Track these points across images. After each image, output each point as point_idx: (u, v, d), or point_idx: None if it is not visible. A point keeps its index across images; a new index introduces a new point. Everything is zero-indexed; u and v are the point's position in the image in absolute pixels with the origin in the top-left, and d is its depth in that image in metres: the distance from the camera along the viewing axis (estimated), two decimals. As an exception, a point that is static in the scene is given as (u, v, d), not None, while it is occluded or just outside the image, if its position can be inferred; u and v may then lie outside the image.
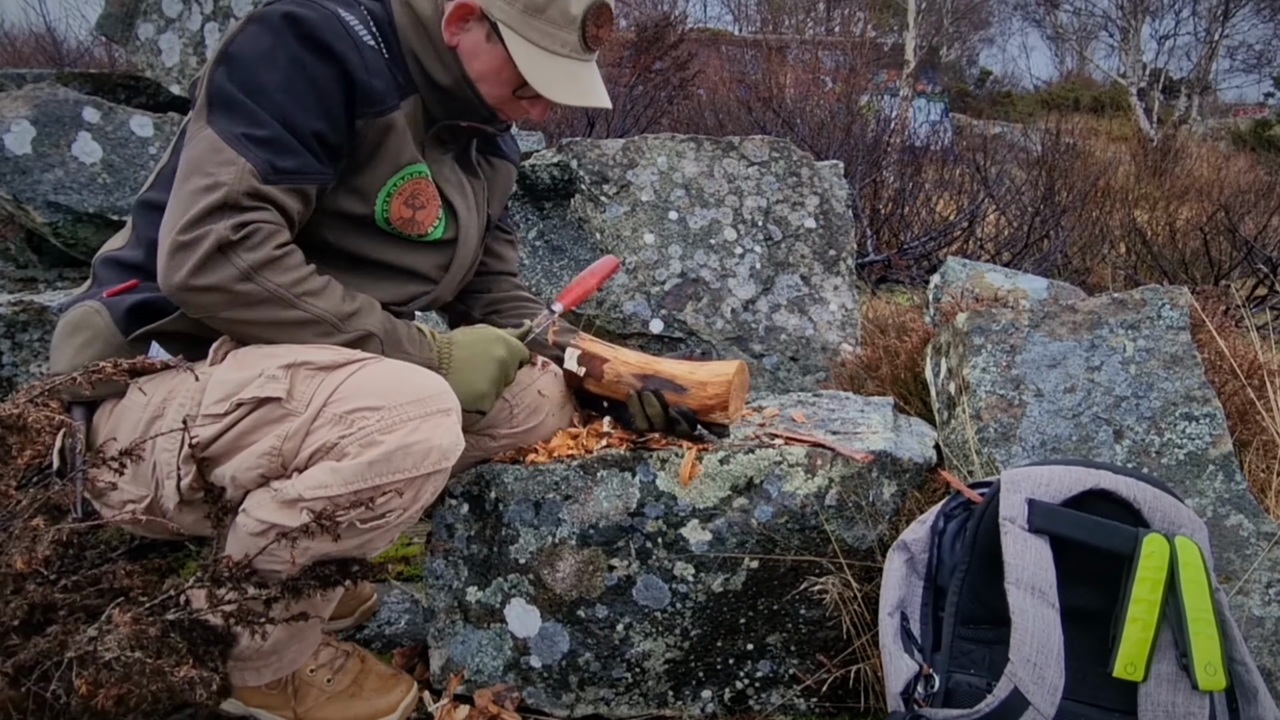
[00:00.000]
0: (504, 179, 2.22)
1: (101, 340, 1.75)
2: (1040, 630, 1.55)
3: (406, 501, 1.63)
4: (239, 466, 1.63)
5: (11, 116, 3.27)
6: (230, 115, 1.63)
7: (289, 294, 1.63)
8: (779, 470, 1.94)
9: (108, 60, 10.95)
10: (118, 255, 1.84)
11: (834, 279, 3.81)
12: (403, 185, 1.84)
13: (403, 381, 1.62)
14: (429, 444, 1.59)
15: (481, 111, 1.92)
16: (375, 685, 1.95)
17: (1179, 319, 2.20)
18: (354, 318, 1.70)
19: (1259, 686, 1.56)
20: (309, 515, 1.58)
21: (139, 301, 1.74)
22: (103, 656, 1.47)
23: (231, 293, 1.58)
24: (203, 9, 3.69)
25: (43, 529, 1.56)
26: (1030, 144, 14.08)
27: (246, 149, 1.61)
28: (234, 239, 1.56)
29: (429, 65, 1.86)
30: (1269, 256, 7.40)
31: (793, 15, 32.07)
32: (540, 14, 1.79)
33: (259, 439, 1.61)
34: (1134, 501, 1.66)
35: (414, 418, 1.59)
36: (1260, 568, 1.87)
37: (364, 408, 1.57)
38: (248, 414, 1.61)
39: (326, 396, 1.59)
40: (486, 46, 1.83)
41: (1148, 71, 26.78)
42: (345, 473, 1.56)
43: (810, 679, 2.00)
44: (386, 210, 1.83)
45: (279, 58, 1.66)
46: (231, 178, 1.58)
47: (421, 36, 1.85)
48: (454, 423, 1.65)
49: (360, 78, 1.72)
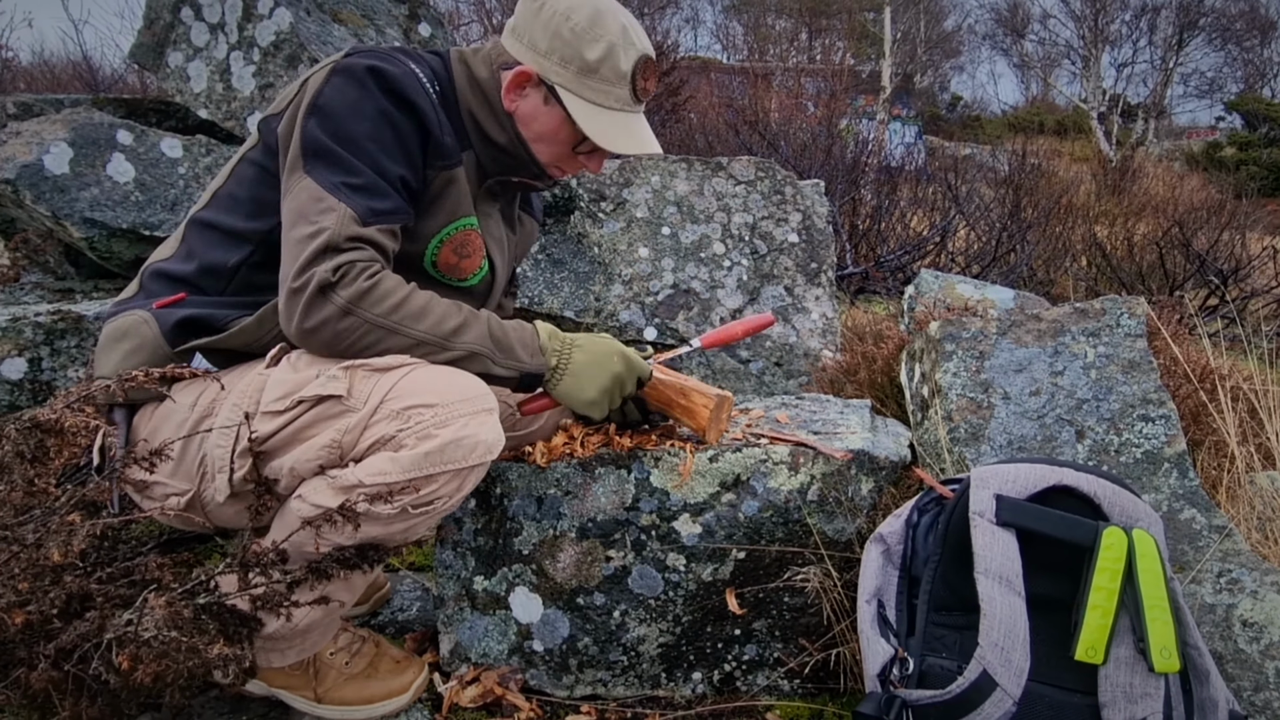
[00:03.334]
0: (528, 235, 2.24)
1: (148, 349, 1.76)
2: (1007, 617, 1.55)
3: (452, 490, 1.64)
4: (299, 458, 1.64)
5: (50, 138, 3.26)
6: (328, 165, 1.65)
7: (388, 322, 1.63)
8: (764, 468, 1.94)
9: (140, 86, 10.94)
10: (167, 267, 1.84)
11: (815, 290, 3.81)
12: (454, 235, 1.86)
13: (452, 382, 1.63)
14: (476, 439, 1.60)
15: (533, 168, 1.94)
16: (389, 668, 1.95)
17: (1136, 327, 2.21)
18: (456, 335, 1.69)
19: (1210, 669, 1.56)
20: (365, 500, 1.58)
21: (188, 316, 1.75)
22: (141, 636, 1.48)
23: (336, 330, 1.60)
24: (228, 39, 3.69)
25: (79, 524, 1.56)
26: (998, 164, 14.09)
27: (346, 196, 1.63)
28: (332, 280, 1.58)
29: (486, 124, 1.88)
30: (1220, 269, 7.43)
31: (777, 44, 32.13)
32: (594, 74, 1.80)
33: (319, 433, 1.62)
34: (1094, 497, 1.66)
35: (464, 414, 1.60)
36: (1211, 559, 1.87)
37: (419, 404, 1.58)
38: (307, 410, 1.62)
39: (384, 394, 1.60)
40: (545, 109, 1.85)
41: (1107, 97, 26.84)
42: (404, 461, 1.57)
43: (793, 662, 2.00)
44: (436, 255, 1.85)
45: (366, 109, 1.69)
46: (333, 223, 1.60)
47: (479, 97, 1.88)
48: (495, 421, 1.66)
49: (435, 132, 1.75)
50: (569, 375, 1.80)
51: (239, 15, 3.67)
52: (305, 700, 1.89)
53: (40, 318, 2.77)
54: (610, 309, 3.61)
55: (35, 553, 1.53)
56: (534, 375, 1.78)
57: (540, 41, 1.81)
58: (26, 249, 3.22)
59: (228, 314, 1.77)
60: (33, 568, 1.53)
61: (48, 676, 1.56)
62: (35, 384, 2.74)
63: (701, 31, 39.84)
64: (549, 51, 1.80)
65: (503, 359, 1.73)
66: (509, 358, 1.74)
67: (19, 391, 2.71)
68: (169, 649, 1.49)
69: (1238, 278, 7.57)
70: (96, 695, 1.70)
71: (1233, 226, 8.71)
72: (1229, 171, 19.10)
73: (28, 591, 1.52)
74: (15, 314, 2.81)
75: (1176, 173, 18.38)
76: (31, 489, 1.59)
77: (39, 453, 1.61)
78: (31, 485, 1.59)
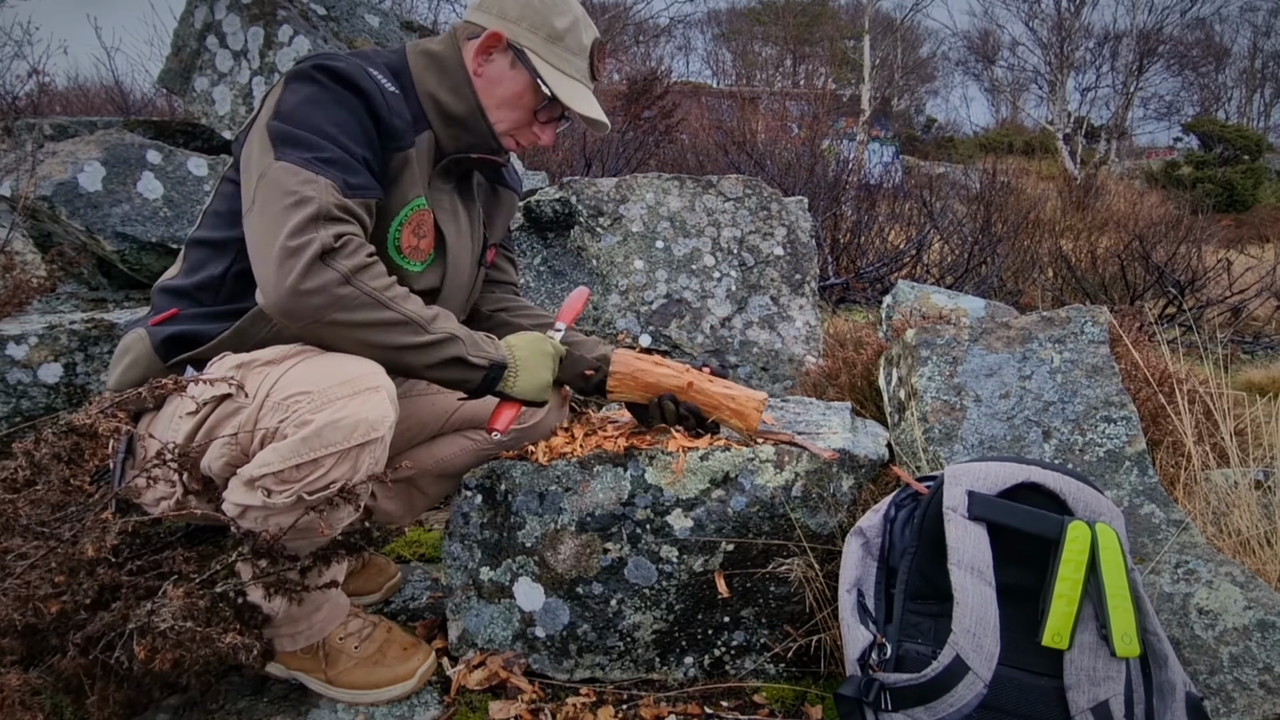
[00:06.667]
0: (507, 206, 2.21)
1: (143, 364, 1.77)
2: (979, 605, 1.55)
3: (345, 472, 1.59)
4: (210, 457, 1.63)
5: (84, 158, 3.26)
6: (296, 146, 1.62)
7: (383, 296, 1.62)
8: (752, 466, 1.95)
9: (168, 109, 10.93)
10: (168, 284, 1.84)
11: (799, 300, 3.81)
12: (411, 216, 1.83)
13: (334, 368, 1.60)
14: (356, 418, 1.55)
15: (490, 142, 1.93)
16: (397, 654, 1.94)
17: (1099, 334, 2.21)
18: (436, 320, 1.69)
19: (1169, 654, 1.56)
20: (263, 493, 1.57)
21: (174, 333, 1.75)
22: (158, 626, 1.48)
23: (334, 295, 1.56)
24: (251, 65, 3.69)
25: (111, 521, 1.56)
26: (970, 182, 14.13)
27: (321, 169, 1.61)
28: (334, 246, 1.56)
29: (443, 98, 1.87)
30: (1177, 280, 7.45)
31: (764, 70, 32.22)
32: (560, 41, 1.86)
33: (222, 431, 1.62)
34: (1060, 493, 1.66)
35: (341, 397, 1.56)
36: (1170, 551, 1.88)
37: (297, 393, 1.56)
38: (212, 410, 1.62)
39: (270, 387, 1.58)
40: (510, 73, 1.87)
41: (1072, 119, 26.88)
42: (283, 450, 1.54)
43: (778, 647, 2.00)
44: (399, 238, 1.82)
45: (321, 98, 1.68)
46: (317, 192, 1.58)
47: (436, 72, 1.88)
48: (383, 398, 1.60)
49: (384, 115, 1.74)
50: (523, 370, 1.81)
51: (260, 43, 3.67)
52: (319, 683, 1.89)
53: (75, 325, 2.77)
54: (608, 317, 3.62)
55: (71, 548, 1.54)
56: (500, 366, 1.77)
57: (510, 10, 1.85)
58: (62, 261, 3.22)
59: (212, 328, 1.75)
60: (68, 562, 1.53)
61: (77, 663, 1.57)
62: (70, 387, 2.74)
63: (693, 58, 39.92)
64: (519, 19, 1.85)
65: (474, 350, 1.73)
66: (478, 349, 1.74)
67: (55, 394, 2.71)
68: (184, 639, 1.49)
69: (1194, 288, 7.60)
70: (123, 680, 1.71)
71: (1189, 240, 8.73)
72: (1186, 189, 19.13)
73: (63, 584, 1.52)
74: (52, 322, 2.81)
75: (1137, 190, 18.41)
76: (67, 488, 1.60)
77: (74, 455, 1.61)
78: (67, 485, 1.60)
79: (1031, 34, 28.74)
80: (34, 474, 1.59)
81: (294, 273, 1.53)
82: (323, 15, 4.06)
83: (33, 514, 1.57)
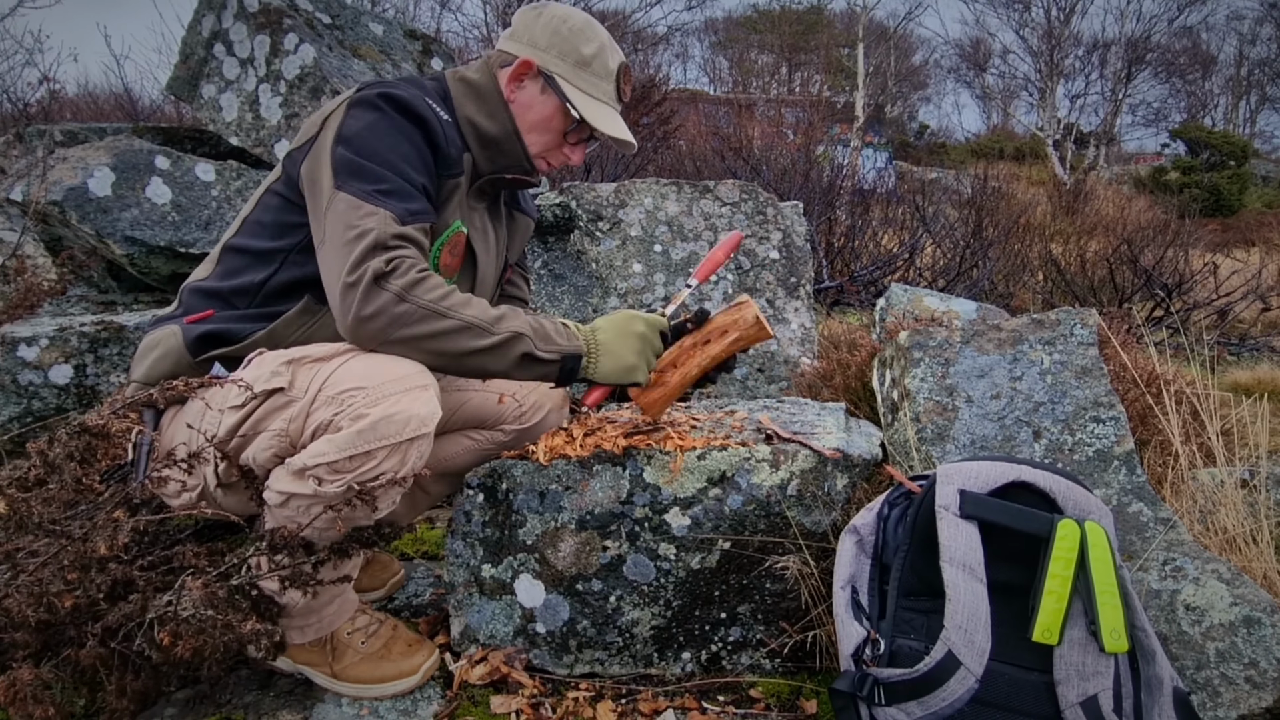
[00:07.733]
0: (523, 230, 2.25)
1: (172, 358, 1.79)
2: (970, 601, 1.55)
3: (395, 465, 1.63)
4: (257, 448, 1.66)
5: (94, 164, 3.27)
6: (358, 178, 1.67)
7: (440, 307, 1.63)
8: (748, 465, 1.95)
9: (176, 116, 10.91)
10: (202, 285, 1.87)
11: (795, 302, 3.82)
12: (452, 237, 1.87)
13: (383, 366, 1.63)
14: (409, 413, 1.60)
15: (524, 163, 1.98)
16: (402, 650, 1.95)
17: (1088, 336, 2.22)
18: (501, 321, 1.70)
19: (1156, 649, 1.57)
20: (315, 481, 1.60)
21: (209, 330, 1.78)
22: (180, 615, 1.49)
23: (392, 315, 1.60)
24: (257, 73, 3.69)
25: (123, 519, 1.57)
26: (962, 187, 14.13)
27: (381, 200, 1.66)
28: (386, 270, 1.59)
29: (481, 123, 1.93)
30: (1165, 283, 7.45)
31: (760, 78, 32.23)
32: (587, 67, 1.91)
33: (270, 424, 1.64)
34: (1050, 492, 1.67)
35: (395, 393, 1.60)
36: (1157, 548, 1.88)
37: (352, 388, 1.59)
38: (259, 404, 1.64)
39: (322, 383, 1.61)
40: (541, 98, 1.93)
41: (1062, 125, 26.88)
42: (339, 441, 1.57)
43: (774, 643, 2.00)
44: (438, 258, 1.85)
45: (383, 128, 1.73)
46: (376, 224, 1.62)
47: (474, 99, 1.93)
48: (431, 395, 1.65)
49: (441, 144, 1.80)
50: (603, 354, 1.80)
51: (267, 51, 3.68)
52: (325, 676, 1.90)
53: (85, 327, 2.77)
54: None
55: (83, 546, 1.54)
56: (573, 356, 1.77)
57: (540, 39, 1.91)
58: (72, 264, 3.22)
59: (245, 327, 1.80)
60: (80, 559, 1.54)
61: (95, 654, 1.58)
62: (80, 388, 2.74)
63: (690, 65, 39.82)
64: (548, 47, 1.91)
65: (543, 344, 1.73)
66: (548, 343, 1.74)
67: (65, 395, 2.72)
68: (206, 625, 1.50)
69: (1181, 291, 7.60)
70: (140, 670, 1.71)
71: (1176, 244, 8.75)
72: (1173, 194, 19.16)
73: (76, 580, 1.53)
74: (62, 324, 2.81)
75: (1125, 195, 18.43)
76: (79, 487, 1.61)
77: (86, 454, 1.62)
78: (79, 484, 1.61)
79: (1022, 42, 28.75)
80: (47, 473, 1.59)
81: (354, 303, 1.60)
82: (328, 24, 4.06)
83: (45, 512, 1.58)
